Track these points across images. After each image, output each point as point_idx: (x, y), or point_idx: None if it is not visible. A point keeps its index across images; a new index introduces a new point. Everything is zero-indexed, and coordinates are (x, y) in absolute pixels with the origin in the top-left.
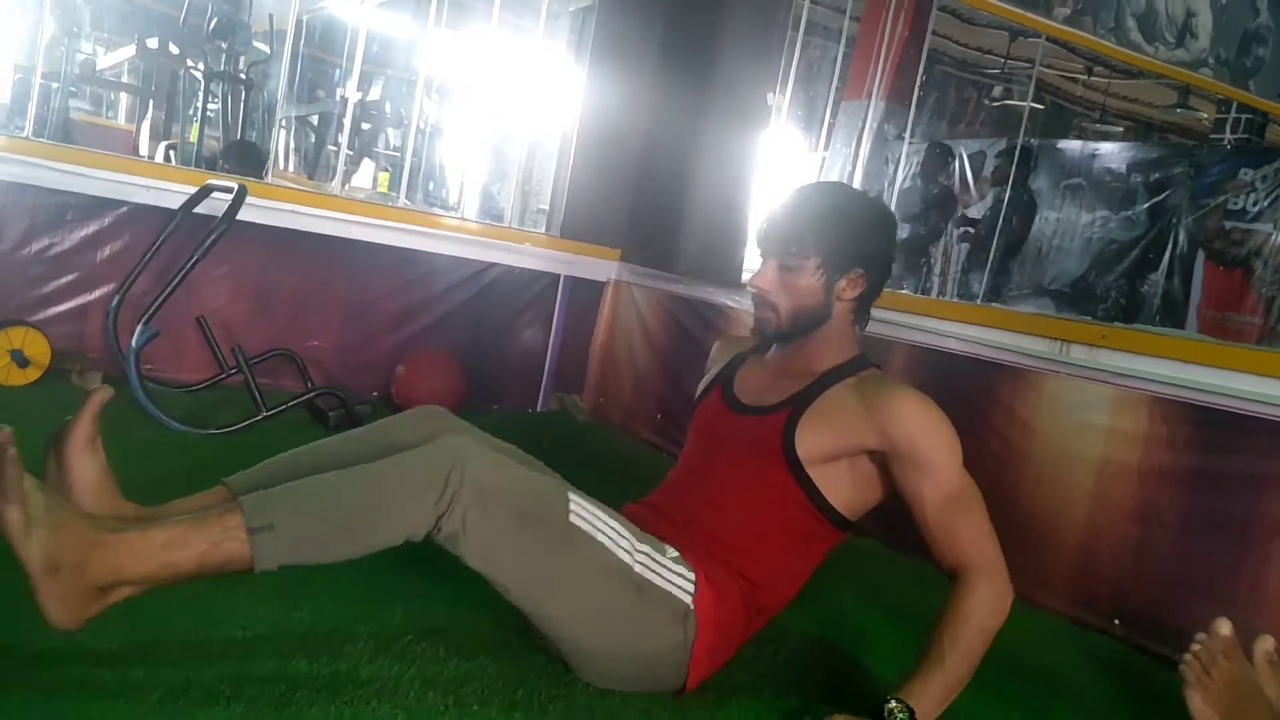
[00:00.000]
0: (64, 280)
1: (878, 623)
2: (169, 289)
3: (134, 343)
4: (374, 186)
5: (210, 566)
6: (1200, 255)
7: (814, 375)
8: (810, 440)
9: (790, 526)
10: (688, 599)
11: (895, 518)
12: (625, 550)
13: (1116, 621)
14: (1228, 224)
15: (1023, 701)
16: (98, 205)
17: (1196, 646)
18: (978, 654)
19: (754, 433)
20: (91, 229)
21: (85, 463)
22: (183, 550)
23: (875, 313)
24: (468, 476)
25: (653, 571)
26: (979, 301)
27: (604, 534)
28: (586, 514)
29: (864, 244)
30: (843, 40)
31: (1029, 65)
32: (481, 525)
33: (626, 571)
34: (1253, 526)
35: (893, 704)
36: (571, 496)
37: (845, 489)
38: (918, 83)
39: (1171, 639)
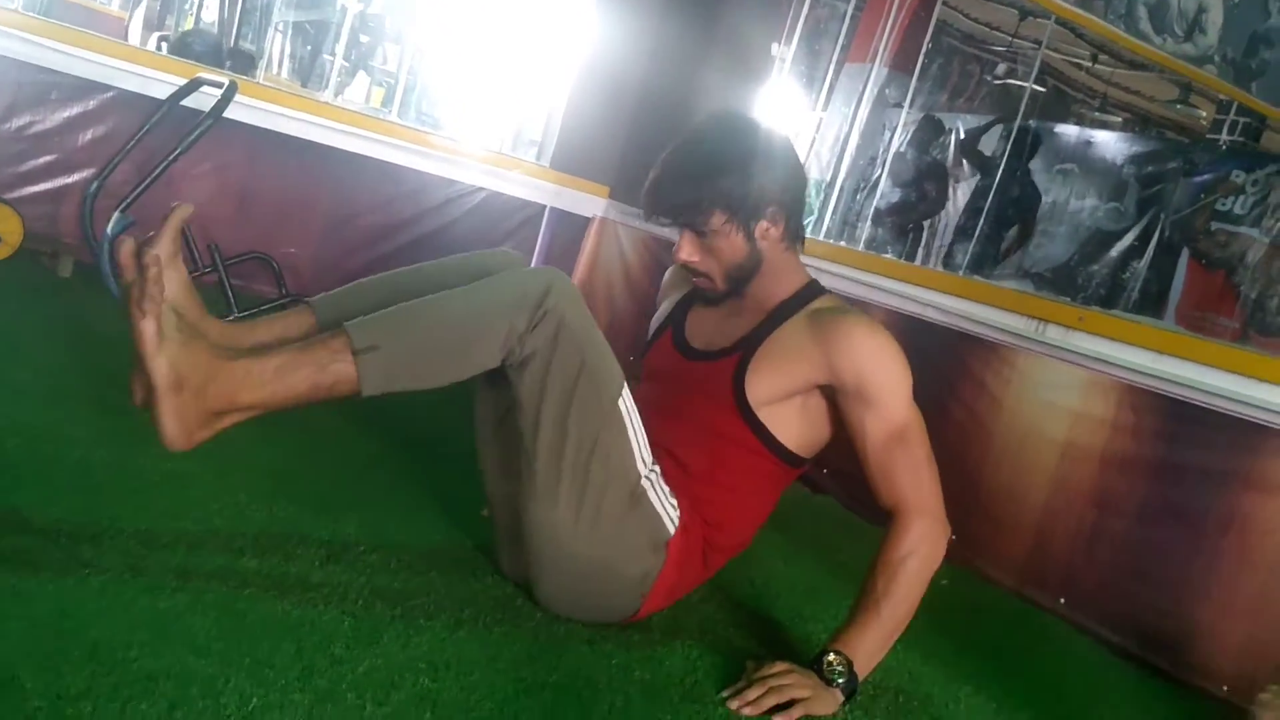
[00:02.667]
0: (42, 160)
1: (828, 580)
2: (149, 179)
3: (109, 230)
4: (366, 101)
5: (321, 390)
6: (1185, 253)
7: (764, 312)
8: (760, 383)
9: (745, 469)
10: (671, 530)
11: (853, 479)
12: (642, 460)
13: (1062, 600)
14: (1215, 225)
15: (967, 673)
16: (83, 88)
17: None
18: (914, 599)
19: (704, 379)
20: (75, 111)
21: (170, 276)
22: (294, 374)
23: (852, 274)
24: (558, 305)
25: (654, 491)
26: (961, 273)
27: (634, 434)
28: (630, 406)
29: (764, 179)
30: (852, 1)
31: (1035, 46)
32: (549, 355)
33: (632, 474)
34: (1207, 521)
35: (831, 656)
36: (625, 386)
37: (797, 427)
38: (923, 51)
39: (1114, 622)
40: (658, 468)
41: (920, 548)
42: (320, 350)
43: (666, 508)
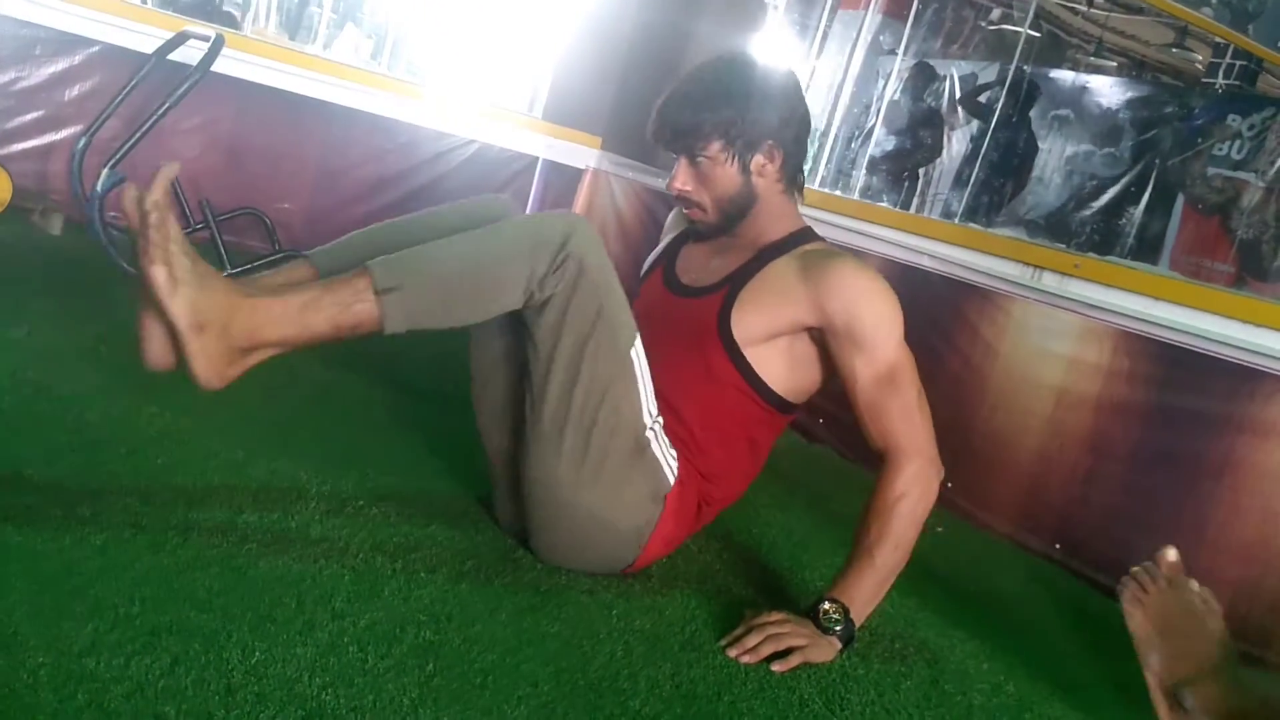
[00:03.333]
0: (29, 117)
1: (824, 529)
2: (138, 135)
3: (99, 187)
4: (355, 53)
5: (344, 328)
6: (1180, 198)
7: (753, 250)
8: (747, 320)
9: (733, 413)
10: (670, 482)
11: (849, 429)
12: (648, 411)
13: (1058, 546)
14: (1210, 170)
15: (963, 619)
16: (68, 42)
17: (1137, 569)
18: (907, 543)
19: (691, 314)
20: (61, 66)
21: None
22: (317, 312)
23: (849, 223)
24: (579, 249)
25: (657, 441)
26: (956, 220)
27: (643, 385)
28: (641, 359)
29: (765, 113)
30: None
31: None
32: (567, 298)
33: (639, 427)
34: (1200, 466)
35: (827, 605)
36: (638, 336)
37: (783, 370)
38: None
39: (1109, 568)
40: (662, 419)
41: (912, 489)
42: (343, 289)
43: (667, 459)
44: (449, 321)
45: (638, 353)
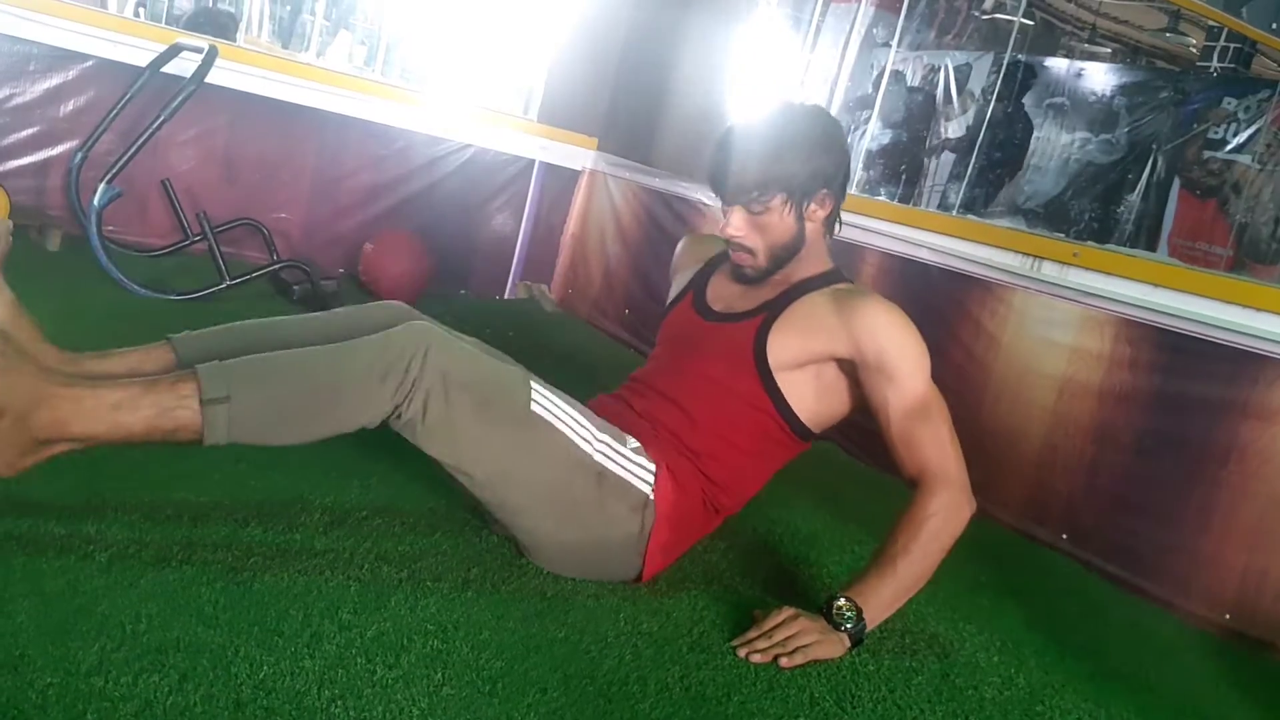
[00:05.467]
0: (25, 133)
1: (830, 526)
2: (134, 149)
3: (96, 201)
4: (349, 60)
5: (159, 433)
6: (1176, 183)
7: (787, 284)
8: (782, 346)
9: (754, 432)
10: (647, 489)
11: (854, 425)
12: (585, 440)
13: (1065, 537)
14: (1206, 153)
15: (972, 612)
16: (62, 57)
17: None
18: (931, 562)
19: (726, 338)
20: (55, 81)
21: None
22: (133, 413)
23: (847, 217)
24: (430, 362)
25: (613, 461)
26: (954, 213)
27: (564, 423)
28: (548, 403)
29: (822, 164)
30: None
31: None
32: (442, 412)
33: (586, 460)
34: (1206, 452)
35: (842, 602)
36: (534, 385)
37: (811, 399)
38: None
39: (1117, 556)
40: (608, 434)
41: (943, 512)
42: (166, 393)
43: (632, 470)
44: (278, 439)
45: (539, 400)
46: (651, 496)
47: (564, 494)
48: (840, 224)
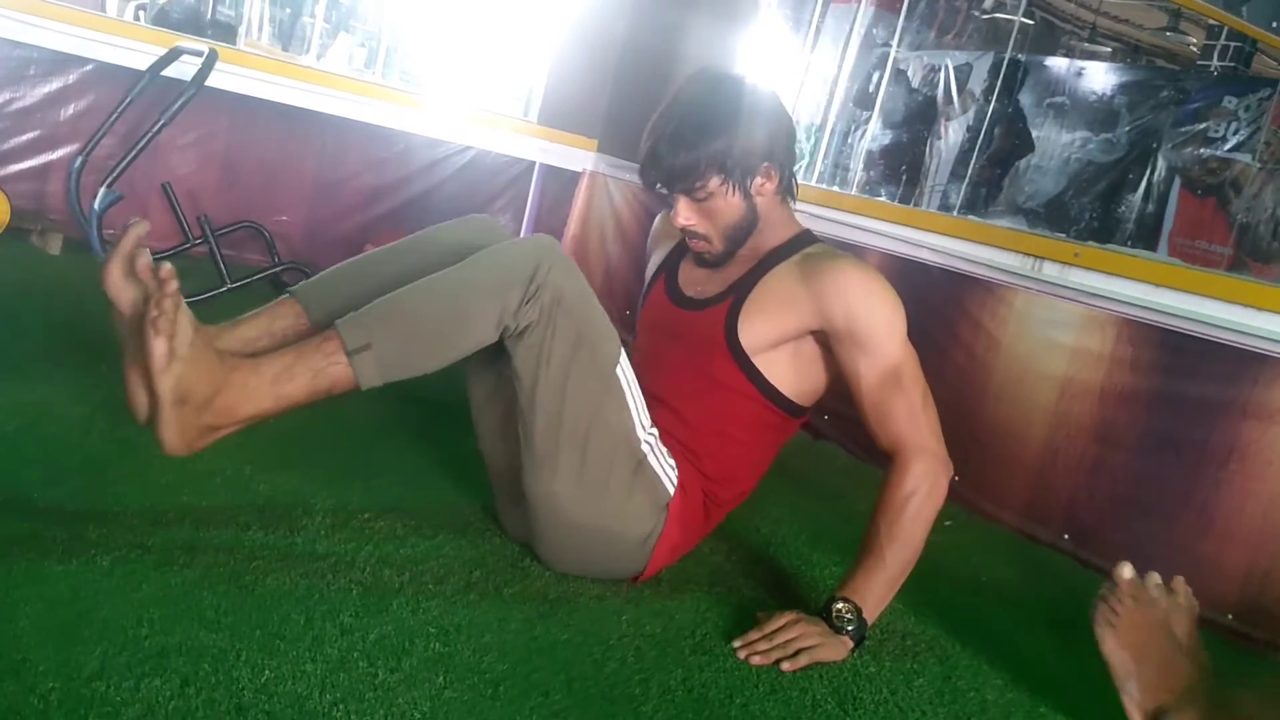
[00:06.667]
0: (25, 138)
1: (834, 527)
2: (134, 152)
3: (96, 205)
4: (349, 63)
5: (319, 392)
6: (1176, 182)
7: (756, 258)
8: (753, 328)
9: (744, 419)
10: (671, 491)
11: (857, 425)
12: (641, 425)
13: (1066, 537)
14: (1205, 152)
15: (974, 614)
16: (62, 61)
17: (1103, 590)
18: (918, 543)
19: (698, 327)
20: (55, 86)
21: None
22: (291, 382)
23: (849, 218)
24: (551, 278)
25: (653, 453)
26: (955, 214)
27: (632, 399)
28: (628, 372)
29: (755, 135)
30: None
31: None
32: (545, 328)
33: (635, 443)
34: (1207, 451)
35: (840, 605)
36: (622, 351)
37: (792, 374)
38: None
39: (1119, 556)
40: (655, 430)
41: (921, 486)
42: (314, 355)
43: (666, 469)
44: (424, 368)
45: (623, 369)
46: (671, 498)
47: (601, 466)
48: (797, 187)
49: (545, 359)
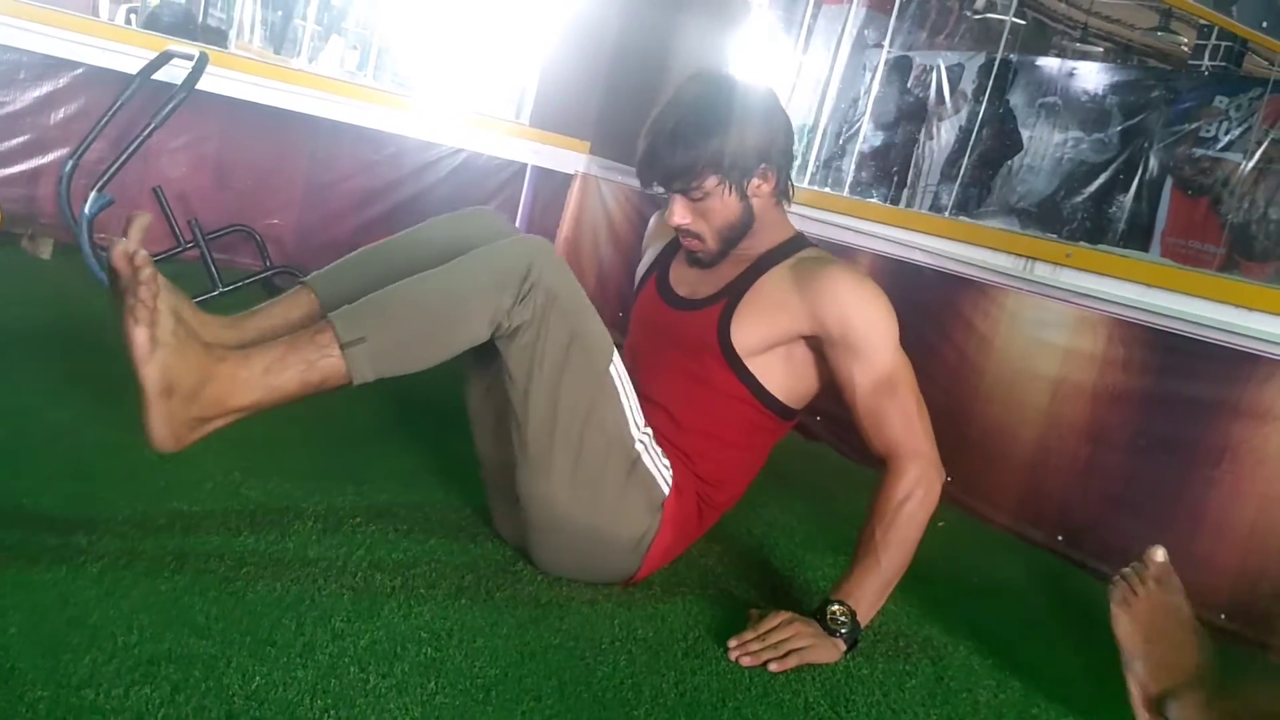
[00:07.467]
0: (15, 142)
1: (825, 528)
2: (124, 156)
3: (87, 210)
4: (341, 66)
5: (311, 385)
6: (1168, 181)
7: (749, 260)
8: (746, 331)
9: (736, 421)
10: (666, 491)
11: (848, 428)
12: (635, 424)
13: (1060, 538)
14: (1197, 151)
15: (967, 615)
16: (52, 65)
17: (1127, 570)
18: (911, 544)
19: (690, 327)
20: (45, 90)
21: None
22: (282, 374)
23: (841, 219)
24: (544, 278)
25: (648, 453)
26: (946, 214)
27: (626, 399)
28: (621, 372)
29: (753, 136)
30: None
31: None
32: (538, 328)
33: (629, 443)
34: (1199, 452)
35: (835, 608)
36: (615, 352)
37: (784, 377)
38: None
39: (1112, 557)
40: (649, 430)
41: (915, 491)
42: (307, 347)
43: (660, 469)
44: (417, 365)
45: (617, 369)
46: (666, 498)
47: (595, 467)
48: (793, 190)
49: (538, 359)
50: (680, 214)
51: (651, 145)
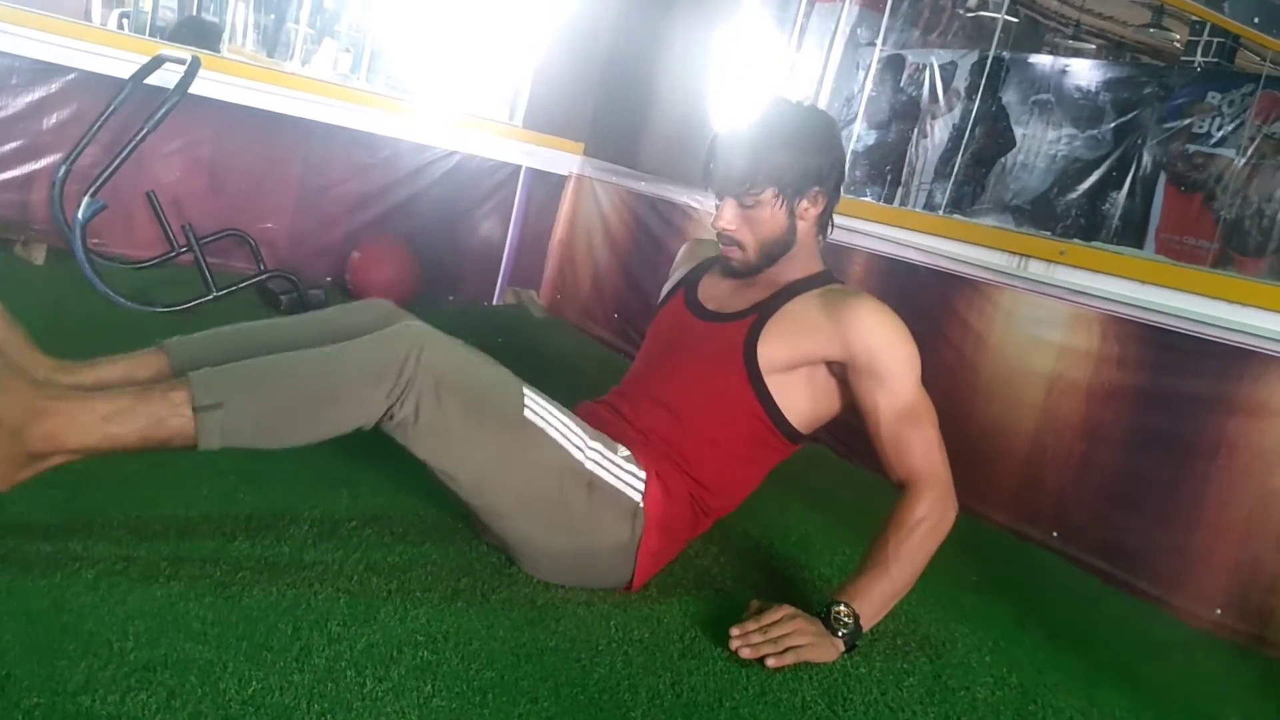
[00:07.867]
0: (8, 147)
1: (822, 528)
2: (118, 161)
3: (80, 215)
4: (334, 68)
5: (153, 442)
6: (1162, 177)
7: (778, 285)
8: (773, 347)
9: (743, 434)
10: (637, 497)
11: (845, 427)
12: (577, 447)
13: (1055, 534)
14: (1190, 147)
15: (964, 613)
16: (45, 70)
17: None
18: (920, 564)
19: (716, 338)
20: (38, 95)
21: None
22: (126, 424)
23: (835, 218)
24: (424, 364)
25: (604, 469)
26: (940, 212)
27: (556, 430)
28: (540, 409)
29: (816, 161)
30: None
31: None
32: (434, 415)
33: (578, 468)
34: (1194, 447)
35: (840, 608)
36: (526, 391)
37: (801, 402)
38: None
39: (1108, 553)
40: (598, 442)
41: (932, 515)
42: (159, 402)
43: (622, 476)
44: (273, 443)
45: (533, 408)
46: (641, 504)
47: (554, 501)
48: (833, 225)
49: (445, 439)
50: (729, 218)
51: (724, 147)
